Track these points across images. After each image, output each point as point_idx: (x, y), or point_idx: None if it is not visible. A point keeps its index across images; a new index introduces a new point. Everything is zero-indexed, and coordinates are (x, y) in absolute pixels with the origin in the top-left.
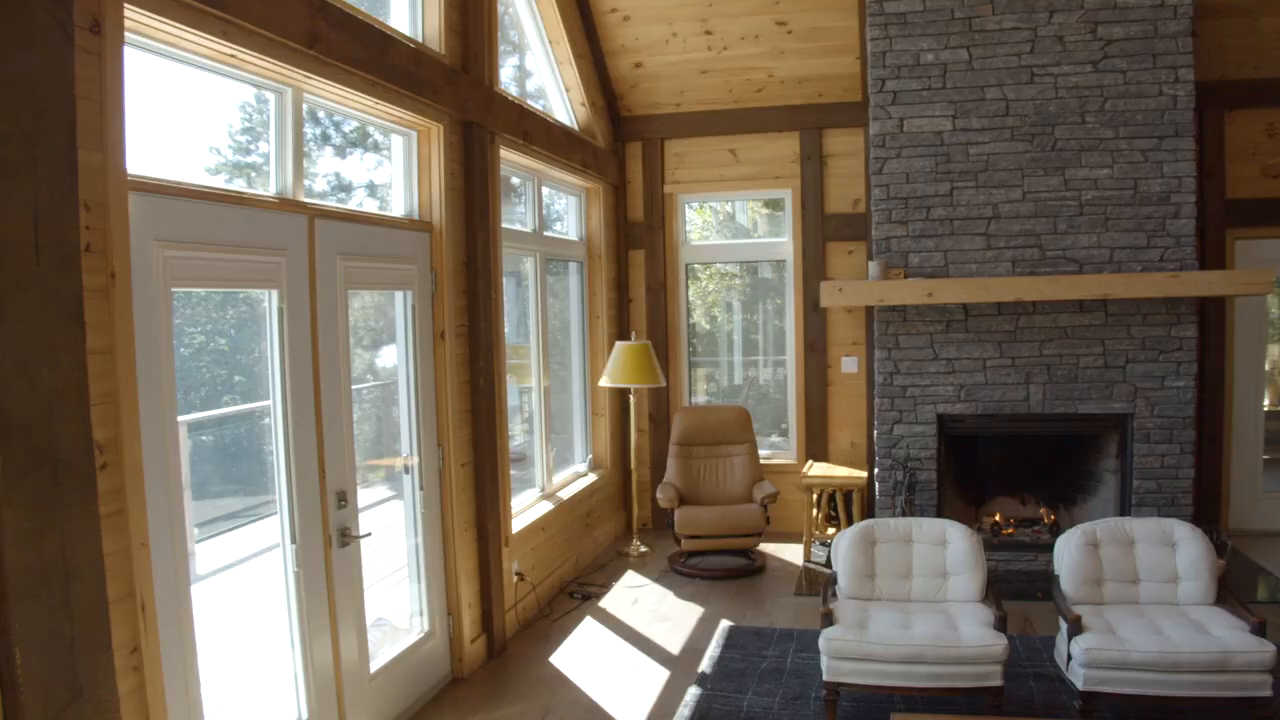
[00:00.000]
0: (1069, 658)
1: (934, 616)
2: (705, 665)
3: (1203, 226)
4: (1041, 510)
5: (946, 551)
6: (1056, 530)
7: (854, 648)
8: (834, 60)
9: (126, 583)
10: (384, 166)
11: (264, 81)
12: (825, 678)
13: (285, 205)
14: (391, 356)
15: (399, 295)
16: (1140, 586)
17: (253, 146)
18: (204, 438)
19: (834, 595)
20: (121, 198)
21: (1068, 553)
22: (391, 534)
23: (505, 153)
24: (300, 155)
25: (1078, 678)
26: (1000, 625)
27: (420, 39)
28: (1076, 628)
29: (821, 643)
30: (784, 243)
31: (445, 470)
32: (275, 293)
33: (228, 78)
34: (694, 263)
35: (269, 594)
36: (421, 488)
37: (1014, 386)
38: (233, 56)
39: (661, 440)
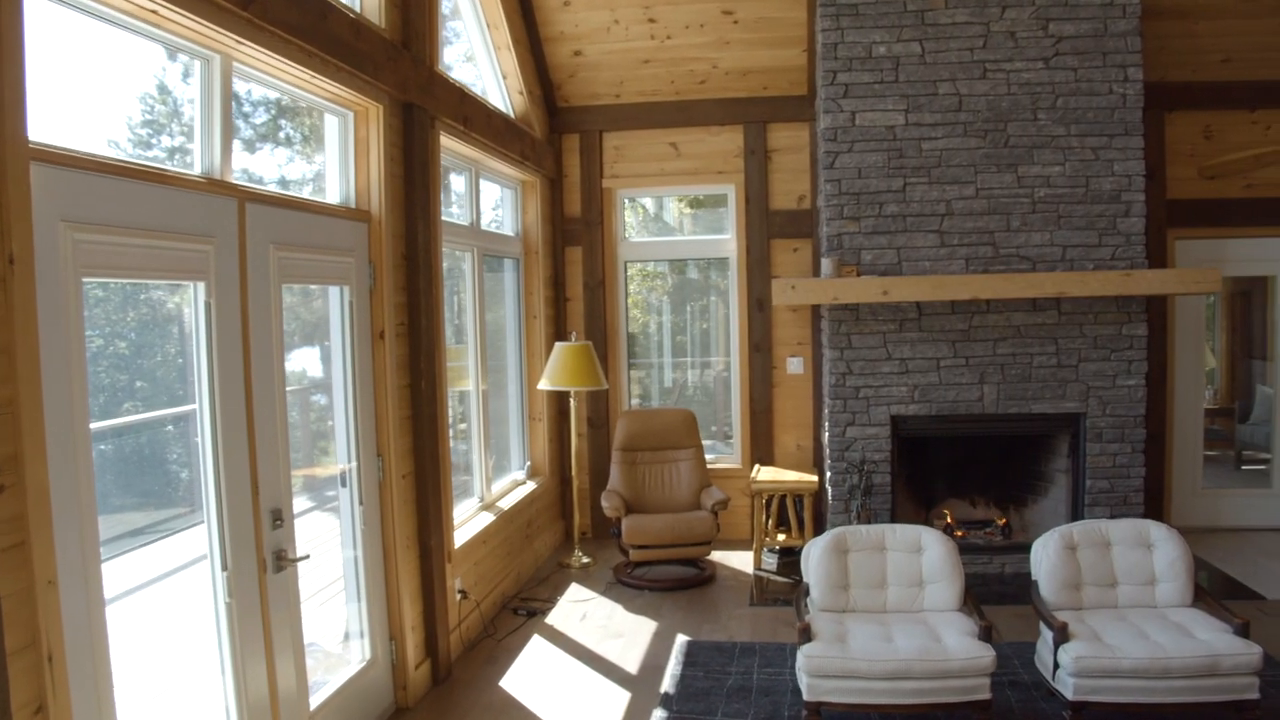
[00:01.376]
0: (1055, 666)
1: (914, 628)
2: (667, 685)
3: (1145, 226)
4: (993, 512)
5: (922, 559)
6: (1009, 532)
7: (837, 664)
8: (780, 52)
9: (29, 630)
10: (318, 151)
11: (190, 46)
12: (806, 697)
13: (213, 186)
14: (318, 359)
15: (335, 291)
16: (1119, 589)
17: (172, 121)
18: (102, 447)
19: (806, 608)
20: (21, 168)
21: (1045, 557)
22: (321, 547)
23: (445, 139)
24: (229, 131)
25: (1066, 687)
26: (985, 635)
27: (359, 9)
28: (1063, 635)
29: (800, 660)
30: (727, 240)
31: (386, 482)
32: (202, 285)
33: (148, 39)
34: (633, 260)
35: (190, 621)
36: (361, 502)
37: (968, 386)
38: (155, 13)
39: (601, 445)
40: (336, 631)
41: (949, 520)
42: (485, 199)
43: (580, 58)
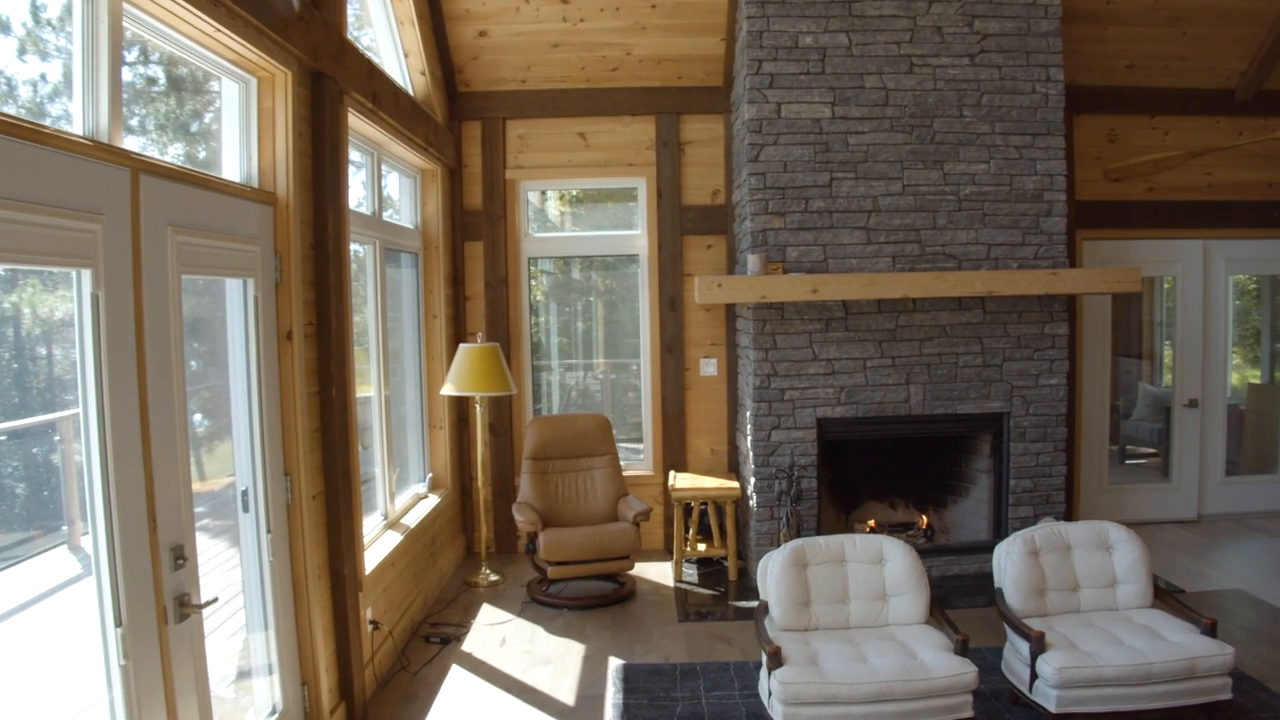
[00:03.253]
0: (1033, 677)
1: (886, 645)
2: (610, 716)
3: (1066, 226)
4: (914, 514)
5: (884, 570)
6: (932, 534)
7: (814, 690)
8: (697, 40)
9: None
10: (208, 119)
11: None
12: None
13: (101, 152)
14: (212, 363)
15: (235, 285)
16: (1081, 593)
17: (47, 72)
18: None
19: (766, 628)
20: None
21: (1010, 563)
22: (219, 581)
23: (352, 118)
24: (118, 86)
25: (1049, 700)
26: (961, 649)
27: None
28: (1041, 645)
29: (774, 688)
30: (637, 236)
31: (295, 505)
32: (88, 273)
33: None
34: (538, 256)
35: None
36: (269, 530)
37: (895, 387)
38: None
39: (504, 454)
40: (237, 679)
41: (872, 525)
42: (385, 188)
43: (485, 38)
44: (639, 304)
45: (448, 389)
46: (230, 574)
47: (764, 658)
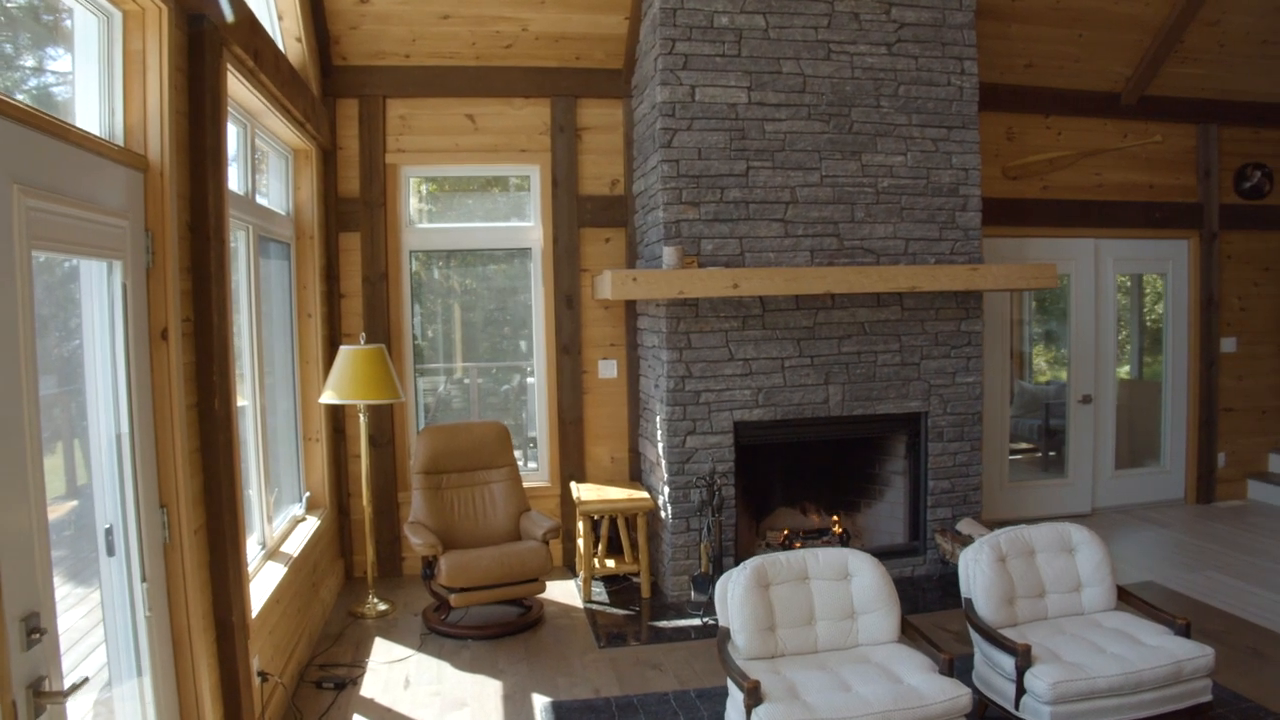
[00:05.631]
0: (1020, 693)
1: (864, 670)
2: None
3: (981, 221)
4: (827, 520)
5: (851, 586)
6: (847, 539)
7: None
8: (599, 18)
9: None
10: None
11: None
12: None
13: None
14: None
15: (97, 269)
16: (1047, 599)
17: None
18: None
19: (730, 657)
20: None
21: (980, 571)
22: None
23: (230, 79)
24: None
25: (1041, 716)
26: (948, 669)
27: None
28: (1027, 659)
29: None
30: (530, 228)
31: (174, 543)
32: None
33: None
34: (421, 249)
35: None
36: (145, 579)
37: (814, 388)
38: None
39: (386, 468)
40: None
41: (785, 532)
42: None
43: (367, 5)
44: (532, 301)
45: (328, 396)
46: (89, 633)
47: (732, 691)
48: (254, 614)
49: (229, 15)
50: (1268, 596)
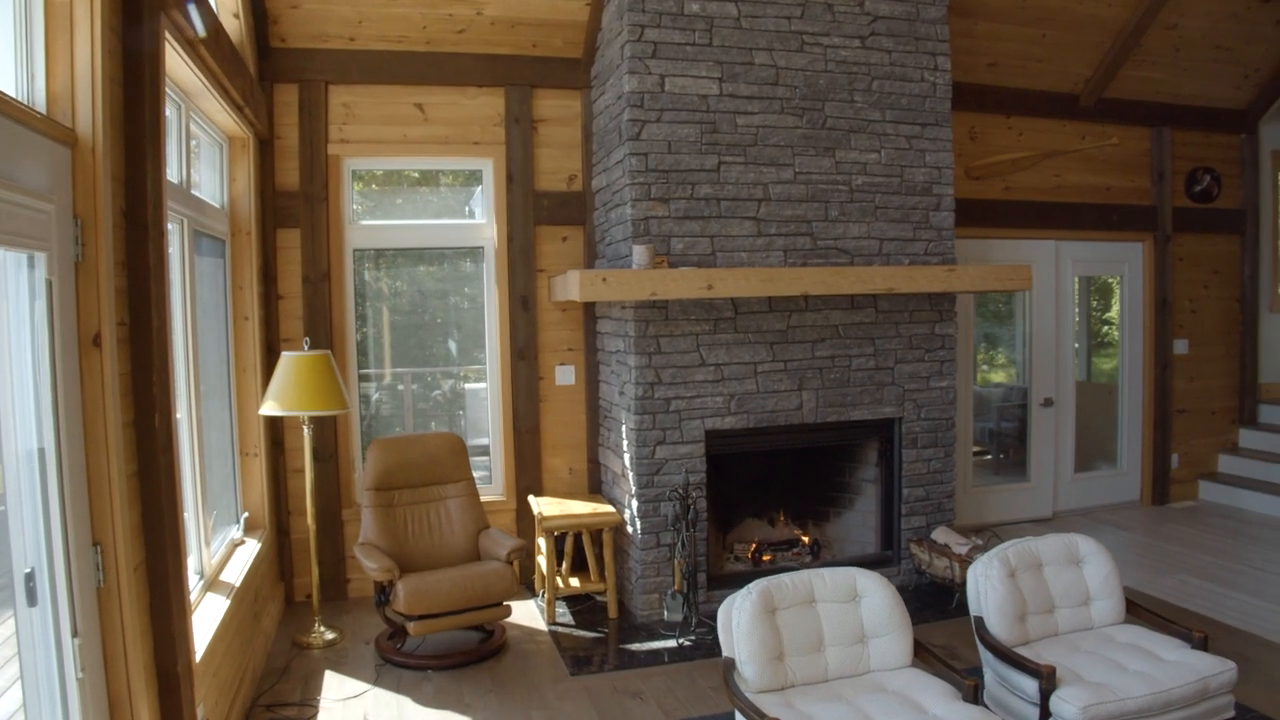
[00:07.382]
0: (1044, 716)
1: (884, 700)
2: None
3: (955, 221)
4: (796, 530)
5: (860, 609)
6: (817, 550)
7: None
8: (558, 2)
9: None
10: None
11: None
12: None
13: None
14: None
15: (14, 261)
16: (1057, 614)
17: None
18: None
19: (740, 691)
20: None
21: (991, 588)
22: None
23: (167, 52)
24: None
25: None
26: (972, 696)
27: None
28: (1051, 681)
29: None
30: (483, 225)
31: (109, 588)
32: None
33: None
34: (366, 248)
35: None
36: (76, 633)
37: (787, 394)
38: None
39: (329, 484)
40: None
41: (754, 545)
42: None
43: None
44: (485, 303)
45: (269, 408)
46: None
47: None
48: (198, 657)
49: None
50: (1242, 599)
